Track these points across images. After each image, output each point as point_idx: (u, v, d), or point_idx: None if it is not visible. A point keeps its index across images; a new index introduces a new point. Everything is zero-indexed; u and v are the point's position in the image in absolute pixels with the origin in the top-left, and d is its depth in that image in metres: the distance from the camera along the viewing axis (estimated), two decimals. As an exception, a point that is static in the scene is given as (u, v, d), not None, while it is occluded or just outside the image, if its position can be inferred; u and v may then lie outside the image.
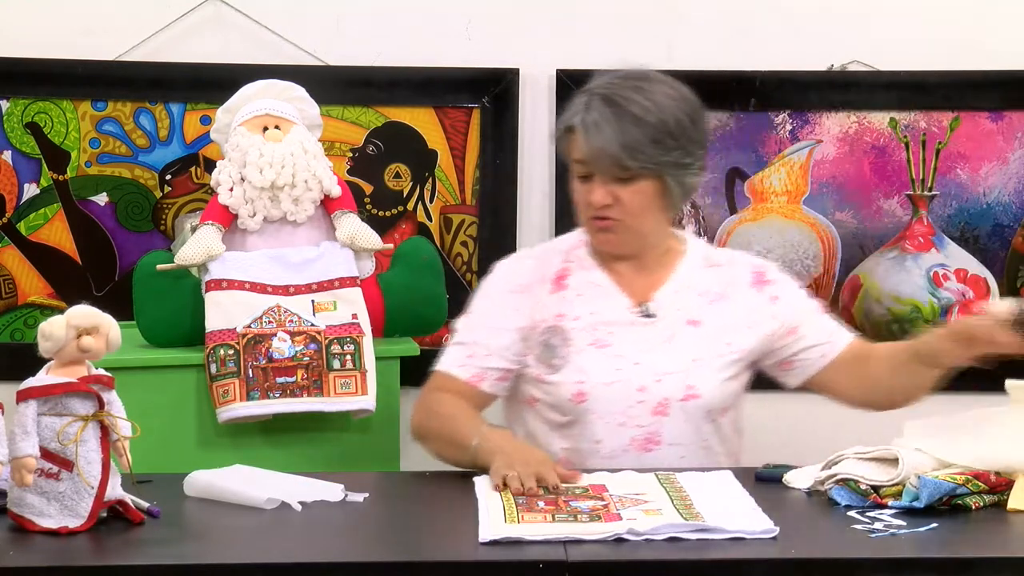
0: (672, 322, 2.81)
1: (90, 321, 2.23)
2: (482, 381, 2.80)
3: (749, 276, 2.91)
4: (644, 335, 2.80)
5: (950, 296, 3.77)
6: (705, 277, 2.87)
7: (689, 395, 2.76)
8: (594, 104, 2.75)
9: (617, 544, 2.14)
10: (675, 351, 2.79)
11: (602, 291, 2.83)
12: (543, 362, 2.79)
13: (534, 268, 2.87)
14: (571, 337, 2.78)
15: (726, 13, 3.73)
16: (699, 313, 2.83)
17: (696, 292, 2.85)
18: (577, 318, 2.80)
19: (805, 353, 2.87)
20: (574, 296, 2.82)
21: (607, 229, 2.79)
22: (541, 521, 2.21)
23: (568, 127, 2.77)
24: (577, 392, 2.75)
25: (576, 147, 2.76)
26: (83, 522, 2.20)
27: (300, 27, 3.68)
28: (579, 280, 2.84)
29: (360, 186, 3.70)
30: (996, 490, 2.35)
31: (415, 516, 2.34)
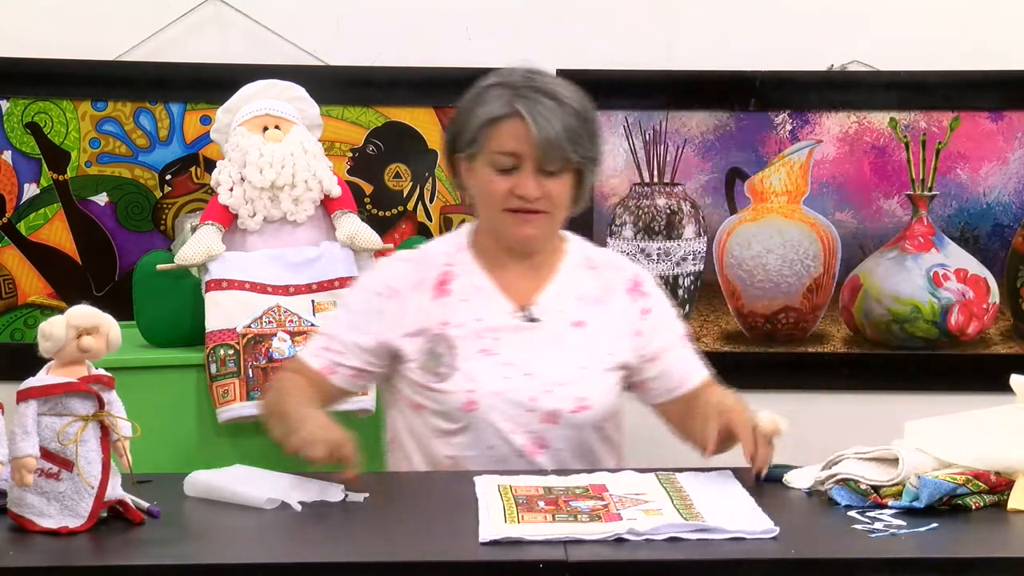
0: (556, 325, 2.78)
1: (90, 321, 2.23)
2: (332, 374, 2.77)
3: (626, 283, 2.86)
4: (530, 340, 2.76)
5: (950, 296, 3.78)
6: (584, 279, 2.84)
7: (580, 407, 2.74)
8: (530, 95, 2.71)
9: (617, 544, 2.14)
10: (563, 357, 2.76)
11: (485, 295, 2.78)
12: (428, 370, 2.74)
13: (411, 272, 2.80)
14: (457, 345, 2.74)
15: (726, 13, 3.73)
16: (581, 314, 2.80)
17: (576, 295, 2.81)
18: (462, 324, 2.75)
19: (658, 383, 2.83)
20: (457, 301, 2.77)
21: (531, 222, 2.75)
22: (541, 521, 2.21)
23: (500, 116, 2.70)
24: (468, 401, 2.71)
25: (507, 137, 2.70)
26: (83, 522, 2.20)
27: (300, 27, 3.68)
28: (462, 284, 2.79)
29: (360, 186, 3.70)
30: (996, 490, 2.35)
31: (415, 516, 2.34)
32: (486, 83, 2.77)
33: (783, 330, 3.80)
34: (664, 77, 3.73)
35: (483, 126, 2.72)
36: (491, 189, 2.73)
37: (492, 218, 2.77)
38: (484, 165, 2.73)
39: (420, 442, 2.78)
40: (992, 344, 3.79)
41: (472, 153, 2.74)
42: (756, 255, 3.79)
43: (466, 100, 2.77)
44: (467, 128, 2.74)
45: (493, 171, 2.72)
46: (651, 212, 3.77)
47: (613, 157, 3.75)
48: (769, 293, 3.80)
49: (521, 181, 2.71)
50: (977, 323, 3.79)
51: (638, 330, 2.82)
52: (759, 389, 3.80)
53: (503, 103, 2.71)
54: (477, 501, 2.33)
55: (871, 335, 3.79)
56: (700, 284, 3.80)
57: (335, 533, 2.23)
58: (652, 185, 3.76)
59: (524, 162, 2.70)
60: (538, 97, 2.70)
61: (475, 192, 2.78)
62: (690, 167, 3.76)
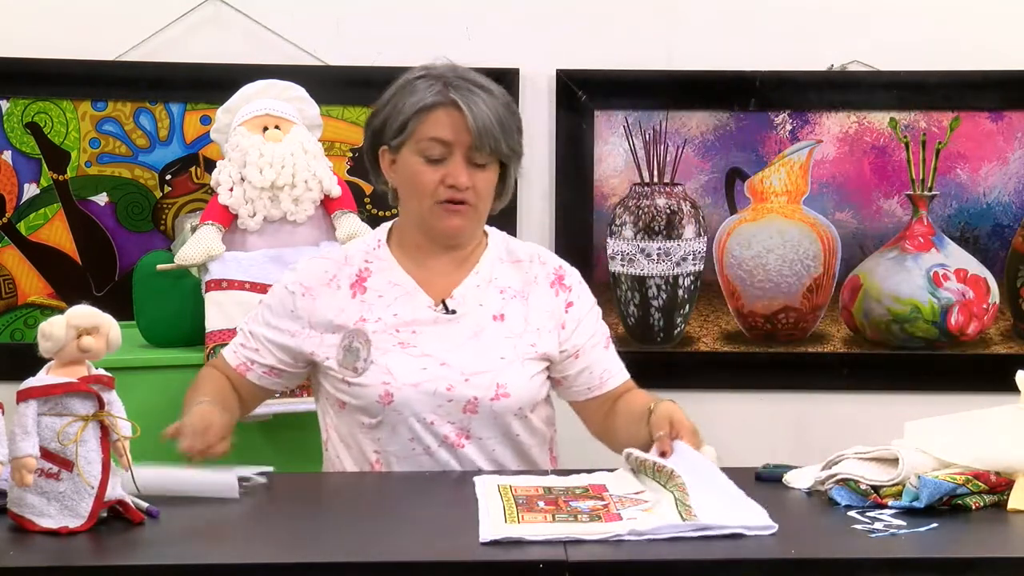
0: (476, 318, 2.77)
1: (90, 321, 2.23)
2: (248, 372, 2.80)
3: (550, 276, 2.85)
4: (448, 333, 2.75)
5: (950, 296, 3.78)
6: (506, 272, 2.83)
7: (500, 394, 2.73)
8: (461, 85, 2.71)
9: (617, 544, 2.14)
10: (482, 349, 2.75)
11: (402, 290, 2.78)
12: (346, 366, 2.74)
13: (327, 269, 2.80)
14: (372, 340, 2.74)
15: (726, 13, 3.73)
16: (501, 308, 2.79)
17: (497, 288, 2.81)
18: (379, 320, 2.75)
19: (577, 381, 2.83)
20: (375, 298, 2.77)
21: (459, 213, 2.74)
22: (541, 521, 2.21)
23: (432, 104, 2.70)
24: (384, 393, 2.71)
25: (439, 125, 2.70)
26: (83, 522, 2.20)
27: (300, 27, 3.68)
28: (379, 281, 2.79)
29: (360, 186, 3.70)
30: (996, 490, 2.35)
31: (415, 516, 2.34)
32: (411, 75, 2.77)
33: (783, 330, 3.80)
34: (664, 77, 3.73)
35: (415, 114, 2.71)
36: (420, 180, 2.72)
37: (420, 210, 2.75)
38: (412, 154, 2.72)
39: (346, 440, 2.79)
40: (992, 344, 3.79)
41: (399, 143, 2.73)
42: (756, 255, 3.79)
43: (391, 92, 2.77)
44: (394, 118, 2.73)
45: (422, 161, 2.72)
46: (651, 212, 3.77)
47: (613, 157, 3.75)
48: (769, 293, 3.80)
49: (452, 171, 2.70)
50: (977, 323, 3.79)
51: (562, 323, 2.82)
52: (759, 389, 3.82)
53: (435, 92, 2.71)
54: (477, 501, 2.34)
55: (871, 335, 3.79)
56: (700, 284, 3.80)
57: (335, 533, 2.23)
58: (652, 185, 3.76)
59: (454, 151, 2.70)
60: (470, 87, 2.71)
61: (401, 184, 2.77)
62: (690, 167, 3.76)
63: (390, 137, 2.75)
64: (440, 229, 2.76)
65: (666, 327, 3.80)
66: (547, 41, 3.71)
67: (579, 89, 3.69)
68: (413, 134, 2.72)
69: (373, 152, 2.81)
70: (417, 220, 2.78)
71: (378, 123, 2.78)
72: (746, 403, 3.81)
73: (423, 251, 2.80)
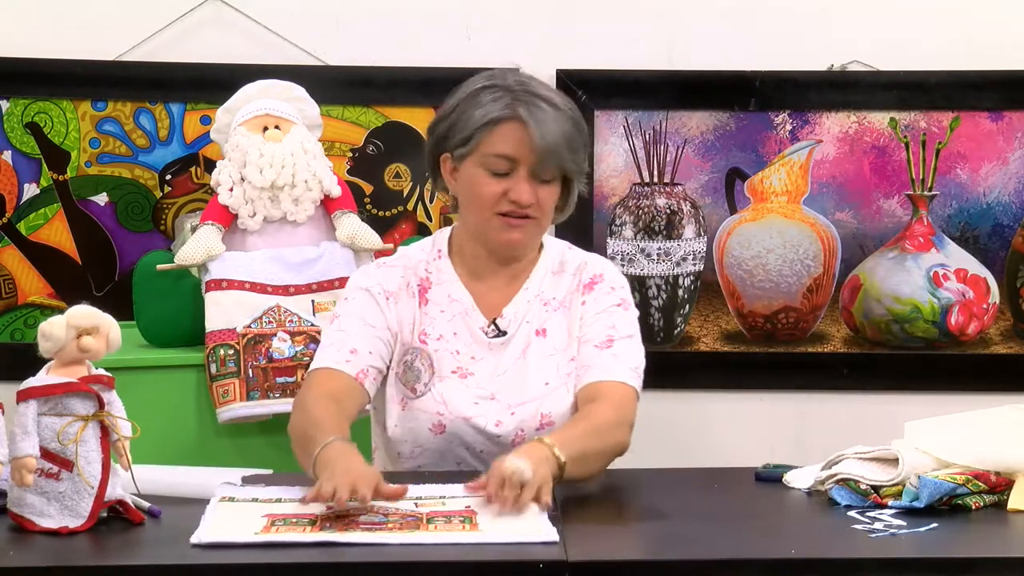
0: (523, 336, 2.75)
1: (90, 321, 2.23)
2: (366, 378, 2.68)
3: (584, 282, 2.80)
4: (498, 358, 2.73)
5: (950, 296, 3.78)
6: (551, 284, 2.79)
7: (543, 423, 2.70)
8: (530, 100, 2.66)
9: (617, 544, 2.14)
10: (528, 372, 2.72)
11: (460, 307, 2.75)
12: (406, 384, 2.72)
13: (400, 277, 2.77)
14: (435, 364, 2.71)
15: (726, 13, 3.73)
16: (543, 322, 2.77)
17: (542, 301, 2.78)
18: (440, 338, 2.73)
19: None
20: (436, 312, 2.75)
21: (520, 227, 2.70)
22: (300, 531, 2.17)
23: (499, 119, 2.66)
24: (437, 423, 2.69)
25: (504, 140, 2.66)
26: (83, 522, 2.20)
27: (300, 27, 3.68)
28: (439, 294, 2.76)
29: (360, 186, 3.70)
30: (996, 490, 2.35)
31: (415, 516, 2.34)
32: (479, 84, 2.72)
33: (783, 330, 3.80)
34: (664, 77, 3.73)
35: (480, 127, 2.67)
36: (483, 192, 2.68)
37: (480, 221, 2.72)
38: (475, 167, 2.68)
39: (390, 452, 2.76)
40: (992, 344, 3.79)
41: (463, 154, 2.69)
42: (756, 255, 3.79)
43: (457, 99, 2.72)
44: (460, 128, 2.69)
45: (486, 173, 2.68)
46: (651, 212, 3.77)
47: (613, 157, 3.75)
48: (769, 293, 3.80)
49: (515, 186, 2.66)
50: (977, 323, 3.79)
51: (580, 316, 2.77)
52: (759, 389, 3.82)
53: (502, 106, 2.66)
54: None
55: (871, 335, 3.79)
56: (700, 284, 3.80)
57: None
58: (652, 185, 3.76)
59: (519, 167, 2.66)
60: (538, 103, 2.66)
61: (462, 194, 2.73)
62: (690, 167, 3.76)
63: (454, 146, 2.71)
64: (500, 242, 2.72)
65: (666, 327, 3.80)
66: (547, 41, 3.71)
67: (579, 89, 3.69)
68: (478, 147, 2.67)
69: (435, 158, 2.77)
70: (476, 231, 2.75)
71: (443, 130, 2.73)
72: (746, 403, 3.81)
73: (480, 262, 2.77)
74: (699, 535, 2.24)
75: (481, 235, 2.74)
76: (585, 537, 2.19)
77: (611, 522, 2.39)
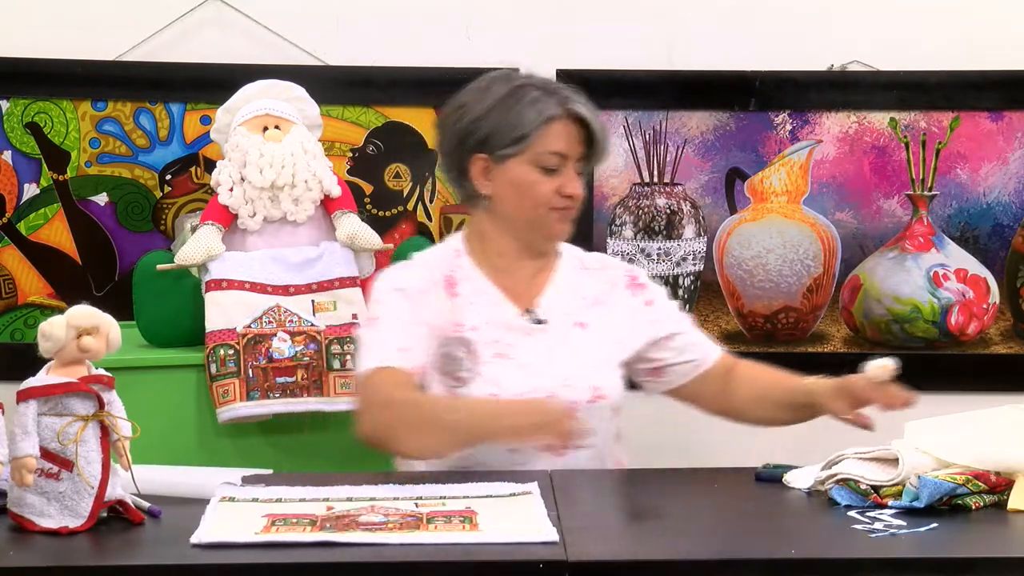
0: (561, 326, 2.80)
1: (90, 321, 2.23)
2: (422, 373, 2.72)
3: (624, 279, 2.90)
4: (539, 342, 2.77)
5: (950, 296, 3.78)
6: (582, 280, 2.86)
7: (596, 396, 2.75)
8: (575, 98, 2.76)
9: (617, 544, 2.14)
10: (573, 354, 2.77)
11: (490, 299, 2.79)
12: (447, 374, 2.73)
13: (426, 274, 2.80)
14: (476, 349, 2.74)
15: (726, 13, 3.73)
16: (583, 315, 2.82)
17: (577, 295, 2.84)
18: (475, 328, 2.75)
19: (677, 364, 2.87)
20: (467, 304, 2.77)
21: (567, 219, 2.81)
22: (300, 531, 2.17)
23: (554, 117, 2.74)
24: None
25: (558, 137, 2.74)
26: (83, 522, 2.20)
27: (300, 27, 3.68)
28: (467, 288, 2.79)
29: (360, 186, 3.70)
30: (996, 490, 2.35)
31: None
32: (507, 86, 2.78)
33: (783, 330, 3.80)
34: (664, 77, 3.73)
35: (536, 127, 2.73)
36: (536, 190, 2.75)
37: (533, 217, 2.78)
38: (524, 164, 2.75)
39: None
40: (992, 344, 3.79)
41: (510, 154, 2.75)
42: (756, 255, 3.79)
43: (490, 101, 2.77)
44: (508, 128, 2.74)
45: (537, 171, 2.75)
46: (651, 212, 3.77)
47: (613, 157, 3.74)
48: (769, 293, 3.80)
49: (568, 181, 2.76)
50: (977, 323, 3.79)
51: (648, 319, 2.86)
52: (759, 389, 3.81)
53: (552, 105, 2.74)
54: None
55: (871, 335, 3.79)
56: (700, 284, 3.80)
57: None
58: (652, 185, 3.76)
59: (568, 162, 2.76)
60: (581, 100, 2.77)
61: (505, 193, 2.77)
62: (690, 167, 3.76)
63: (498, 147, 2.75)
64: (552, 235, 2.81)
65: (666, 327, 3.80)
66: (547, 41, 3.71)
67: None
68: (531, 146, 2.74)
69: (460, 160, 2.80)
70: (523, 226, 2.80)
71: (482, 133, 2.76)
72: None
73: (505, 258, 2.82)
74: (699, 535, 2.24)
75: (531, 230, 2.80)
76: (585, 537, 2.19)
77: (611, 522, 2.39)
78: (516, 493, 2.37)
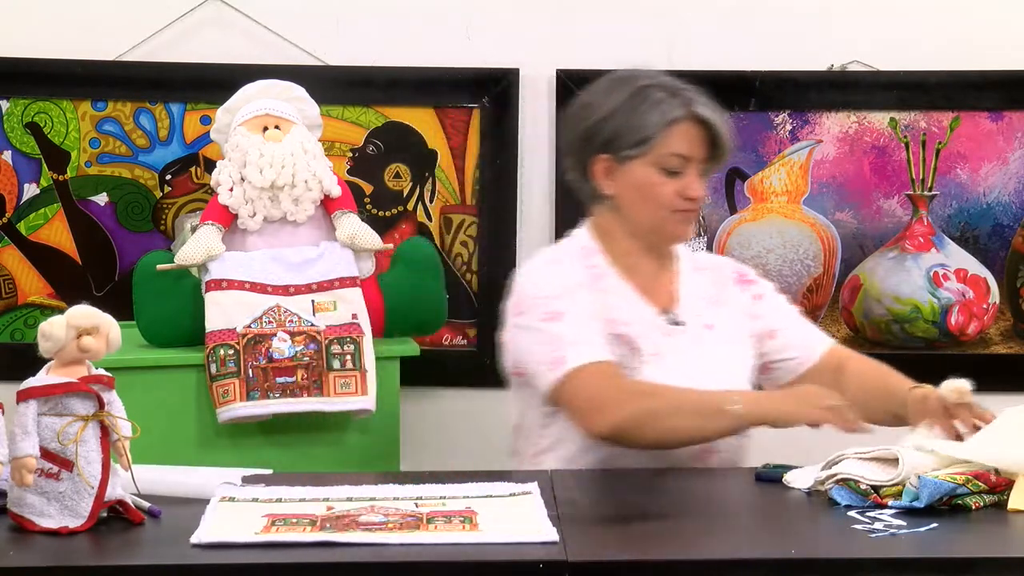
0: (695, 327, 2.81)
1: (90, 321, 2.23)
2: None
3: (733, 275, 2.93)
4: (679, 343, 2.78)
5: (950, 296, 3.77)
6: (700, 281, 2.88)
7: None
8: (699, 99, 2.77)
9: (617, 544, 2.14)
10: (709, 359, 2.78)
11: (630, 298, 2.80)
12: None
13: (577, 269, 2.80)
14: (639, 346, 2.74)
15: (726, 13, 3.73)
16: (710, 318, 2.84)
17: (699, 297, 2.86)
18: (627, 324, 2.76)
19: (784, 359, 2.88)
20: (612, 302, 2.78)
21: (689, 221, 2.83)
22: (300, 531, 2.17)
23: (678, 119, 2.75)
24: None
25: (682, 139, 2.75)
26: (83, 522, 2.20)
27: (300, 27, 3.68)
28: (607, 286, 2.80)
29: (360, 186, 3.70)
30: (996, 490, 2.35)
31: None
32: (631, 87, 2.79)
33: (783, 330, 3.80)
34: (664, 77, 3.73)
35: (660, 129, 2.74)
36: (658, 192, 2.76)
37: (655, 219, 2.79)
38: (647, 166, 2.76)
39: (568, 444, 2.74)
40: (992, 344, 3.79)
41: (632, 155, 2.76)
42: (756, 255, 3.79)
43: (615, 102, 2.78)
44: (632, 130, 2.75)
45: (660, 173, 2.76)
46: (651, 212, 3.76)
47: (613, 157, 3.74)
48: (769, 293, 3.79)
49: (690, 183, 2.76)
50: (977, 323, 3.79)
51: (754, 314, 2.87)
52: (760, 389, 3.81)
53: (675, 107, 2.75)
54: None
55: (871, 335, 3.79)
56: (700, 284, 3.79)
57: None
58: (652, 185, 3.76)
59: (691, 164, 2.76)
60: (705, 101, 2.77)
61: (627, 193, 2.79)
62: (690, 167, 3.76)
63: (621, 148, 2.76)
64: (673, 236, 2.83)
65: (666, 327, 3.80)
66: (547, 41, 3.71)
67: (579, 89, 3.69)
68: (654, 148, 2.75)
69: (585, 159, 2.81)
70: (645, 228, 2.81)
71: (606, 133, 2.78)
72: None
73: (632, 258, 2.83)
74: (699, 535, 2.24)
75: (653, 231, 2.81)
76: (585, 537, 2.19)
77: (611, 522, 2.39)
78: (516, 493, 2.37)
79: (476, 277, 3.73)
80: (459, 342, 3.75)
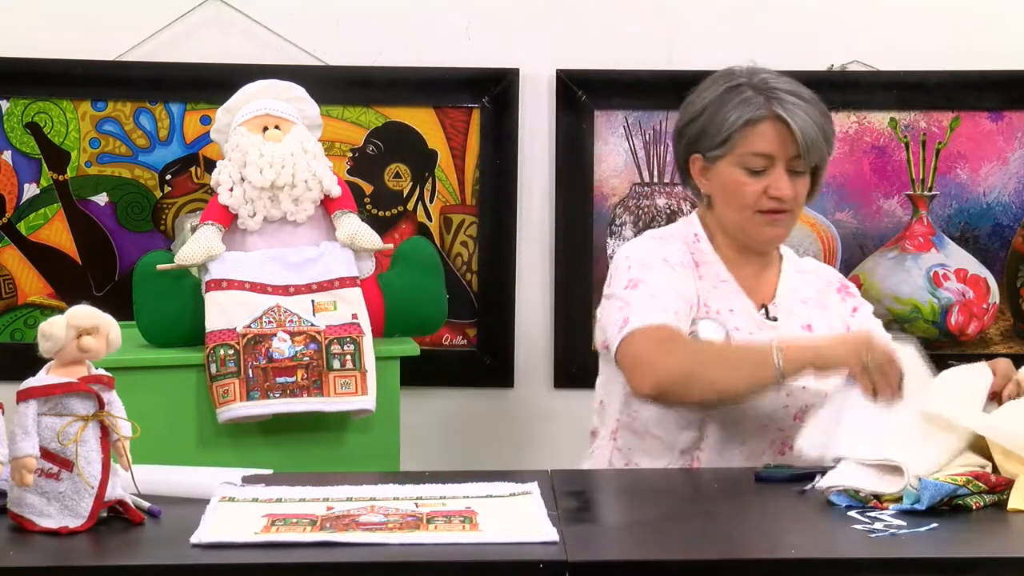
0: (790, 326, 2.82)
1: (90, 321, 2.23)
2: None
3: (836, 283, 2.94)
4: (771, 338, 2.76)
5: (950, 296, 3.78)
6: (802, 282, 2.90)
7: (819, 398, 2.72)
8: (783, 97, 2.75)
9: (617, 544, 2.14)
10: None
11: (729, 288, 2.82)
12: None
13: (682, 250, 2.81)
14: (730, 334, 2.75)
15: (726, 13, 3.73)
16: (807, 318, 2.85)
17: (799, 297, 2.87)
18: (718, 312, 2.78)
19: None
20: (711, 288, 2.80)
21: (778, 222, 2.80)
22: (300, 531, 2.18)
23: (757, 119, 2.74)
24: None
25: (762, 138, 2.74)
26: (83, 522, 2.20)
27: (300, 27, 3.68)
28: (708, 272, 2.82)
29: (360, 186, 3.70)
30: (996, 490, 2.35)
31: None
32: (723, 84, 2.80)
33: (783, 330, 3.80)
34: (664, 77, 3.73)
35: (739, 129, 2.74)
36: (742, 191, 2.76)
37: (741, 219, 2.80)
38: (731, 166, 2.77)
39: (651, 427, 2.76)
40: (992, 344, 3.79)
41: (717, 155, 2.76)
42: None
43: (704, 102, 2.80)
44: (713, 130, 2.76)
45: (743, 172, 2.76)
46: (651, 212, 3.76)
47: (613, 157, 3.75)
48: (769, 293, 3.79)
49: (775, 182, 2.75)
50: (977, 323, 3.79)
51: (848, 327, 2.87)
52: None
53: (757, 106, 2.75)
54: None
55: (871, 335, 3.79)
56: (700, 284, 3.79)
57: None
58: (652, 185, 3.76)
59: (776, 163, 2.75)
60: (789, 98, 2.75)
61: (718, 193, 2.80)
62: (690, 167, 3.76)
63: (707, 148, 2.78)
64: (760, 238, 2.82)
65: (666, 327, 3.80)
66: (547, 41, 3.71)
67: (579, 89, 3.69)
68: (735, 148, 2.76)
69: (684, 160, 2.84)
70: (734, 228, 2.83)
71: (693, 133, 2.80)
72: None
73: (733, 252, 2.84)
74: (699, 535, 2.24)
75: (740, 232, 2.82)
76: (585, 537, 2.19)
77: (611, 522, 2.39)
78: (516, 493, 2.37)
79: (476, 277, 3.73)
80: (459, 342, 3.76)
